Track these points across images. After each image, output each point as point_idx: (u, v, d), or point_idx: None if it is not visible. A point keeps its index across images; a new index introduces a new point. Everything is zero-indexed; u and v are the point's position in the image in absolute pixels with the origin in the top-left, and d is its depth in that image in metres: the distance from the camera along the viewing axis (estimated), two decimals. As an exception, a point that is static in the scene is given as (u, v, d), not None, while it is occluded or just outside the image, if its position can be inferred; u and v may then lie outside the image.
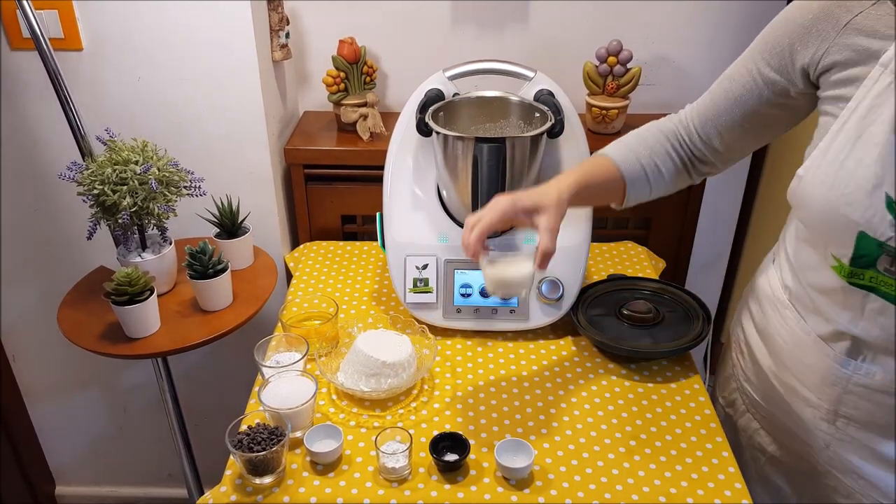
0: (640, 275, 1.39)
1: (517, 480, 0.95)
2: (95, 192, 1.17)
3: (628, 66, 1.51)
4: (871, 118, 0.76)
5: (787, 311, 0.96)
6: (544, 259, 0.89)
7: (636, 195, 1.00)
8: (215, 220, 1.36)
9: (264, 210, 1.50)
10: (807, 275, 0.91)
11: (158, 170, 1.20)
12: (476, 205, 1.13)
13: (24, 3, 1.16)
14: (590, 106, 1.53)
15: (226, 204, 1.35)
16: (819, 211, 0.81)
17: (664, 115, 1.75)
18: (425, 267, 1.22)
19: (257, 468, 0.94)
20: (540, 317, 1.21)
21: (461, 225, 1.23)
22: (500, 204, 0.90)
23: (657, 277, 1.40)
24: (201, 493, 1.56)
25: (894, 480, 0.89)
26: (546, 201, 0.90)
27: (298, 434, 1.01)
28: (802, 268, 0.92)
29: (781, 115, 0.92)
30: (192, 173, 1.27)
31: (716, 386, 1.20)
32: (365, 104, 1.52)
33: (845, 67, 0.80)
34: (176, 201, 1.23)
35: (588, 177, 0.96)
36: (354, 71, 1.51)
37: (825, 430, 0.93)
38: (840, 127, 0.79)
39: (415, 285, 1.21)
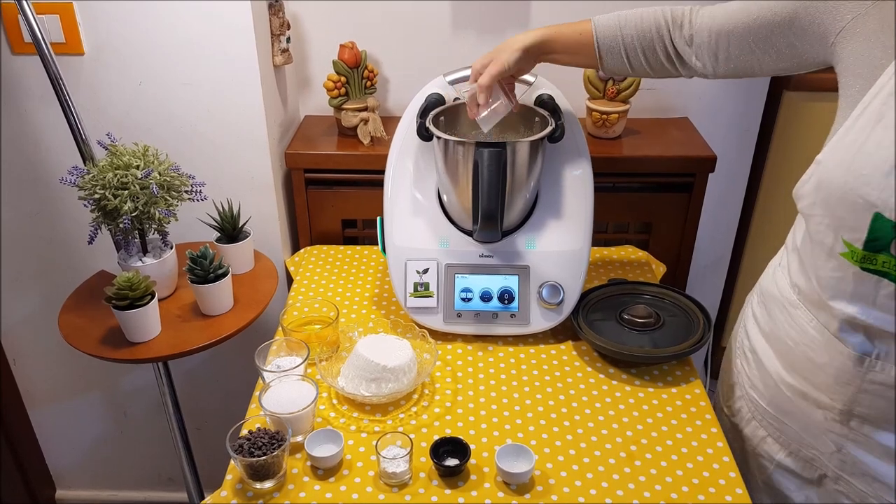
0: (640, 279, 1.39)
1: (518, 485, 0.95)
2: (96, 196, 1.17)
3: (629, 70, 1.51)
4: (891, 102, 0.76)
5: (798, 310, 0.94)
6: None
7: (613, 69, 1.09)
8: (216, 224, 1.36)
9: (265, 214, 1.51)
10: (817, 269, 0.89)
11: (159, 174, 1.20)
12: (477, 209, 1.13)
13: (26, 7, 1.17)
14: (590, 110, 1.53)
15: (226, 208, 1.35)
16: (836, 193, 0.81)
17: (665, 119, 1.74)
18: (426, 271, 1.21)
19: (258, 473, 0.94)
20: (540, 321, 1.21)
21: (462, 229, 1.23)
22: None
23: (658, 282, 1.40)
24: (202, 497, 1.56)
25: None
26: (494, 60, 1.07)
27: (299, 439, 1.01)
28: (813, 263, 0.90)
29: (783, 55, 0.92)
30: (193, 178, 1.27)
31: (719, 395, 1.19)
32: (365, 108, 1.52)
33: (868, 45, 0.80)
34: (177, 206, 1.24)
35: (555, 37, 1.08)
36: (355, 75, 1.51)
37: (837, 432, 0.92)
38: (861, 111, 0.79)
39: (415, 290, 1.21)
